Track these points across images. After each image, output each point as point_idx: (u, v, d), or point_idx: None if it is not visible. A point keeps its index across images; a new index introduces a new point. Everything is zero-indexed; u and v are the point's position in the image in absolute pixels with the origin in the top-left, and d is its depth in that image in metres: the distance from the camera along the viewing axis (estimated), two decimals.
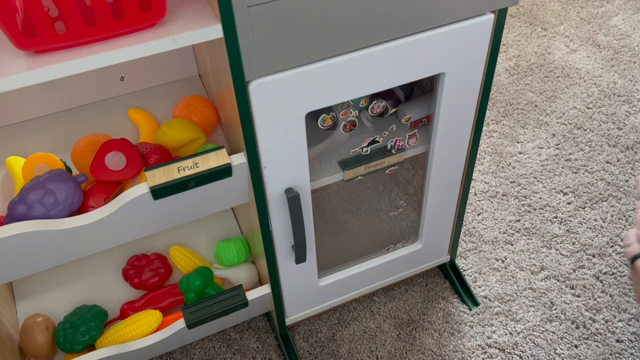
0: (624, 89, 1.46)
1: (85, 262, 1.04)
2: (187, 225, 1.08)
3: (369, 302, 1.07)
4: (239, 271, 0.98)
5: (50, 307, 0.98)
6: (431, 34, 0.66)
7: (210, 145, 0.87)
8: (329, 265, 0.94)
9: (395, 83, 0.70)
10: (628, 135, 1.34)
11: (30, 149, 0.92)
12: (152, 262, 1.00)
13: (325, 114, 0.76)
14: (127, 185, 0.80)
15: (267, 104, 0.64)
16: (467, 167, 0.88)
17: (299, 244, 0.79)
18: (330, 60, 0.63)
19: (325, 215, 0.93)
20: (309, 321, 1.05)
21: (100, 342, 0.90)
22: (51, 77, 0.54)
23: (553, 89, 1.47)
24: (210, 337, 1.03)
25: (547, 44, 1.60)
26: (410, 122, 0.80)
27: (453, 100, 0.76)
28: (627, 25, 1.64)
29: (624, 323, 1.02)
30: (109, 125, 0.96)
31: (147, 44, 0.56)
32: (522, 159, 1.31)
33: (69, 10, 0.52)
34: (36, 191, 0.70)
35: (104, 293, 1.00)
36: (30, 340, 0.89)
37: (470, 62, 0.72)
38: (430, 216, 0.92)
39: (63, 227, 0.69)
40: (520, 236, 1.16)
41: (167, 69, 1.02)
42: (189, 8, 0.59)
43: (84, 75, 0.96)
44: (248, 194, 0.78)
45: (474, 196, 1.24)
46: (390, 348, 1.01)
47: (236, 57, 0.58)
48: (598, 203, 1.21)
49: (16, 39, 0.52)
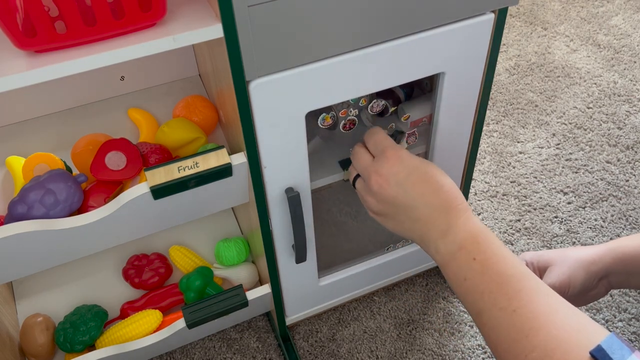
0: (624, 88, 1.46)
1: (85, 262, 1.03)
2: (187, 225, 1.08)
3: (369, 302, 1.07)
4: (239, 271, 0.98)
5: (50, 307, 0.98)
6: (431, 33, 0.66)
7: (210, 145, 0.87)
8: (329, 265, 0.94)
9: (395, 83, 0.70)
10: (628, 135, 1.34)
11: (30, 148, 0.92)
12: (152, 262, 1.00)
13: (325, 113, 0.75)
14: (127, 185, 0.80)
15: (267, 103, 0.64)
16: (467, 166, 0.88)
17: (299, 244, 0.79)
18: (330, 60, 0.63)
19: (326, 215, 0.93)
20: (309, 321, 1.05)
21: (100, 341, 0.90)
22: (51, 77, 0.54)
23: (553, 88, 1.47)
24: (210, 337, 1.03)
25: (547, 44, 1.60)
26: (410, 122, 0.80)
27: (453, 99, 0.76)
28: (628, 25, 1.64)
29: (624, 323, 1.02)
30: (109, 125, 0.96)
31: (147, 44, 0.56)
32: (522, 158, 1.31)
33: (69, 10, 0.52)
34: (36, 191, 0.70)
35: (104, 293, 1.00)
36: (30, 340, 0.89)
37: (470, 61, 0.72)
38: None
39: (63, 227, 0.69)
40: (521, 236, 1.16)
41: (167, 68, 1.02)
42: (189, 8, 0.59)
43: (84, 75, 0.96)
44: (248, 194, 0.78)
45: (474, 196, 1.24)
46: (391, 348, 1.01)
47: (236, 57, 0.58)
48: (598, 203, 1.21)
49: (16, 38, 0.52)
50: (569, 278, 0.71)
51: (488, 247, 0.61)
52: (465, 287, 0.61)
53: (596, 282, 0.73)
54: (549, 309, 0.55)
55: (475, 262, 0.60)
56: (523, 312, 0.56)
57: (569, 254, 0.74)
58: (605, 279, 0.74)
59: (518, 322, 0.55)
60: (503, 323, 0.57)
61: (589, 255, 0.73)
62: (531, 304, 0.56)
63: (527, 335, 0.54)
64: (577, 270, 0.71)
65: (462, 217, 0.64)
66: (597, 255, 0.73)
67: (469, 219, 0.64)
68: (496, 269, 0.59)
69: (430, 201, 0.65)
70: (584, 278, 0.71)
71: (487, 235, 0.62)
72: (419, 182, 0.66)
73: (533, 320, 0.55)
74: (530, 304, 0.56)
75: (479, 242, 0.61)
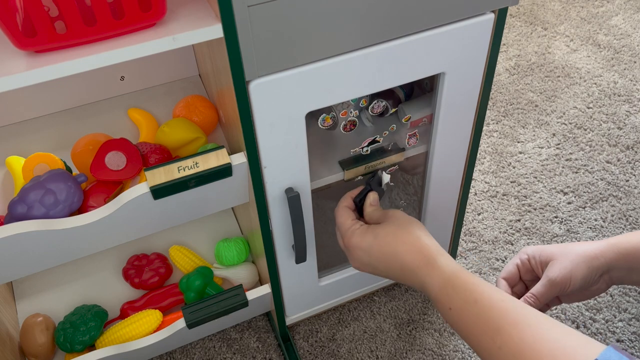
0: (624, 88, 1.46)
1: (85, 262, 1.04)
2: (187, 225, 1.08)
3: (369, 302, 1.07)
4: (239, 271, 0.98)
5: (50, 307, 0.98)
6: (431, 33, 0.66)
7: (210, 145, 0.87)
8: (329, 265, 0.94)
9: (395, 83, 0.70)
10: (628, 135, 1.34)
11: (30, 148, 0.92)
12: (152, 262, 1.00)
13: (325, 114, 0.75)
14: (127, 185, 0.80)
15: (267, 103, 0.64)
16: (468, 166, 0.88)
17: (299, 244, 0.79)
18: (330, 60, 0.63)
19: (326, 215, 0.93)
20: (309, 321, 1.05)
21: (100, 341, 0.90)
22: (51, 77, 0.54)
23: (553, 88, 1.47)
24: (210, 337, 1.03)
25: (547, 44, 1.60)
26: (410, 122, 0.80)
27: (453, 100, 0.76)
28: (628, 25, 1.64)
29: (624, 323, 1.02)
30: (109, 125, 0.96)
31: (147, 44, 0.56)
32: (522, 158, 1.31)
33: (69, 10, 0.52)
34: (36, 191, 0.70)
35: (104, 293, 1.00)
36: (30, 339, 0.89)
37: (470, 61, 0.72)
38: (430, 216, 0.92)
39: (63, 227, 0.69)
40: (521, 236, 1.16)
41: (167, 68, 1.02)
42: (189, 8, 0.59)
43: (84, 75, 0.96)
44: (248, 194, 0.78)
45: (474, 196, 1.24)
46: (391, 348, 1.01)
47: (236, 57, 0.58)
48: (598, 203, 1.21)
49: (16, 38, 0.52)
50: (571, 273, 0.71)
51: (459, 295, 0.63)
52: (455, 329, 0.64)
53: (597, 277, 0.73)
54: (534, 338, 0.55)
55: (452, 312, 0.63)
56: (508, 348, 0.56)
57: (570, 248, 0.73)
58: (607, 274, 0.74)
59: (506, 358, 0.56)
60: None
61: (591, 250, 0.73)
62: (514, 338, 0.56)
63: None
64: (579, 265, 0.71)
65: (433, 272, 0.66)
66: (599, 251, 0.73)
67: (438, 269, 0.66)
68: (473, 312, 0.61)
69: (399, 269, 0.70)
70: (585, 273, 0.71)
71: (457, 281, 0.64)
72: (381, 259, 0.71)
73: (520, 354, 0.55)
74: (513, 339, 0.56)
75: (449, 294, 0.64)
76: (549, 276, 0.71)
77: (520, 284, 0.76)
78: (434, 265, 0.66)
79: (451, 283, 0.64)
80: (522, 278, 0.76)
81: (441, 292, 0.64)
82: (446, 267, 0.66)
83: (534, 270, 0.75)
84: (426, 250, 0.68)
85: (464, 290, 0.63)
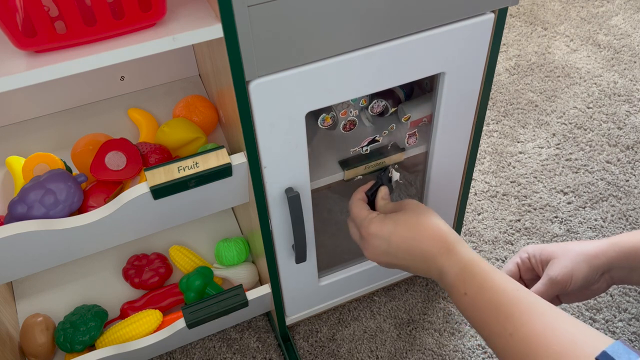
0: (624, 88, 1.46)
1: (85, 262, 1.04)
2: (187, 225, 1.08)
3: (369, 302, 1.07)
4: (239, 271, 0.98)
5: (50, 307, 0.98)
6: (431, 33, 0.66)
7: (210, 145, 0.87)
8: (329, 265, 0.94)
9: (395, 83, 0.70)
10: (628, 135, 1.34)
11: (30, 148, 0.92)
12: (152, 262, 1.00)
13: (325, 114, 0.76)
14: (127, 185, 0.80)
15: (267, 103, 0.64)
16: (467, 166, 0.88)
17: (299, 244, 0.79)
18: (330, 60, 0.63)
19: (326, 215, 0.93)
20: (309, 321, 1.05)
21: (100, 341, 0.90)
22: (51, 77, 0.54)
23: (553, 88, 1.47)
24: (210, 337, 1.03)
25: (547, 44, 1.60)
26: (410, 122, 0.80)
27: (453, 99, 0.76)
28: (628, 25, 1.64)
29: (624, 323, 1.02)
30: (109, 125, 0.96)
31: (147, 44, 0.56)
32: (522, 158, 1.31)
33: (69, 10, 0.52)
34: (36, 191, 0.70)
35: (104, 293, 1.00)
36: (30, 339, 0.89)
37: (470, 61, 0.72)
38: None
39: (63, 227, 0.69)
40: (521, 236, 1.16)
41: (167, 69, 1.02)
42: (189, 8, 0.59)
43: (84, 75, 0.96)
44: (248, 194, 0.78)
45: (474, 196, 1.24)
46: (391, 348, 1.01)
47: (236, 57, 0.58)
48: (598, 203, 1.21)
49: (16, 38, 0.52)
50: (572, 271, 0.71)
51: (475, 280, 0.63)
52: (467, 317, 0.64)
53: (598, 276, 0.73)
54: (545, 327, 0.56)
55: (467, 297, 0.64)
56: (519, 335, 0.57)
57: (571, 247, 0.73)
58: (607, 273, 0.74)
59: (516, 345, 0.57)
60: (504, 348, 0.58)
61: (591, 249, 0.73)
62: (525, 325, 0.57)
63: (527, 356, 0.55)
64: (580, 264, 0.71)
65: (451, 258, 0.67)
66: (600, 250, 0.73)
67: (457, 255, 0.66)
68: (487, 298, 0.61)
69: (419, 254, 0.70)
70: (586, 272, 0.71)
71: (474, 268, 0.65)
72: (402, 246, 0.71)
73: (530, 341, 0.55)
74: (524, 327, 0.57)
75: (465, 280, 0.64)
76: (549, 275, 0.71)
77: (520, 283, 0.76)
78: (454, 252, 0.67)
79: (469, 269, 0.65)
80: (522, 277, 0.76)
81: (458, 277, 0.65)
82: (465, 254, 0.66)
83: (534, 269, 0.75)
84: (446, 237, 0.68)
85: (480, 277, 0.63)
